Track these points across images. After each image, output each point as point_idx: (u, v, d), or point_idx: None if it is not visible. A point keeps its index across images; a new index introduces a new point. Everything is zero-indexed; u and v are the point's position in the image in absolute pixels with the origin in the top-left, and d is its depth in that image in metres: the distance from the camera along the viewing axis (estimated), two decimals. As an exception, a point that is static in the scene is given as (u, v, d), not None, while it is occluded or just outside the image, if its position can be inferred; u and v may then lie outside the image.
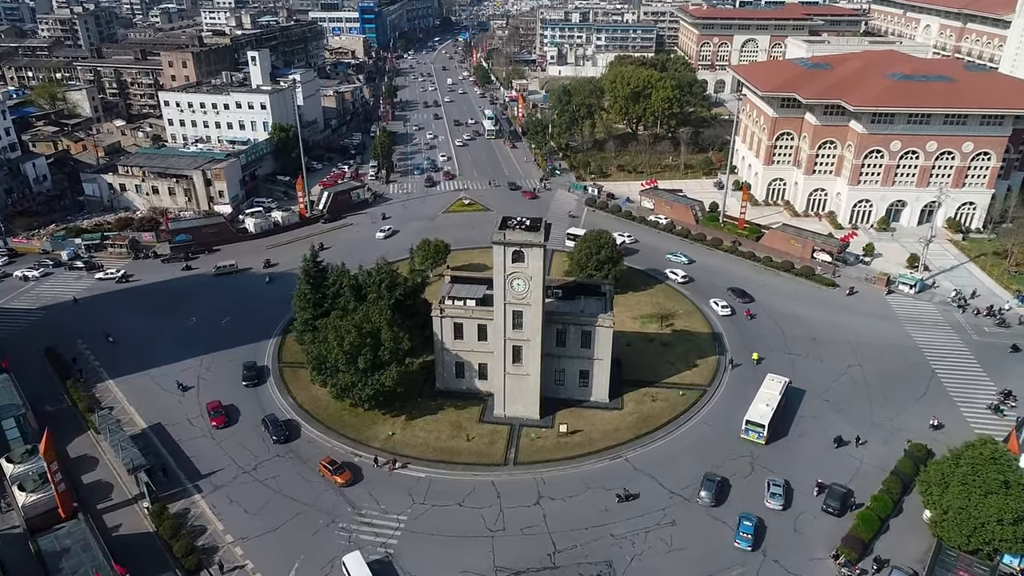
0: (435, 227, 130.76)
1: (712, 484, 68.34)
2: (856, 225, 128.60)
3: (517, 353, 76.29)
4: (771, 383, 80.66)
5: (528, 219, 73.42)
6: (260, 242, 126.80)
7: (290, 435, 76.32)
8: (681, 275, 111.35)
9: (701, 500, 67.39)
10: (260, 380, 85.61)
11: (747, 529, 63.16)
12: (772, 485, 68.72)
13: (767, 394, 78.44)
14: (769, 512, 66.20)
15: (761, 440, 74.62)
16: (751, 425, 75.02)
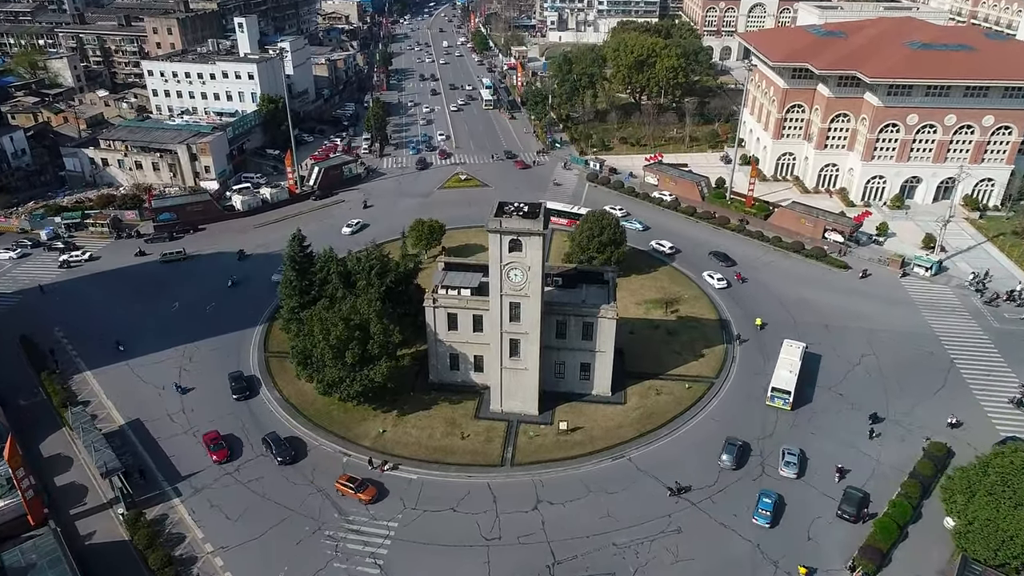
0: (430, 204, 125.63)
1: (733, 448, 69.13)
2: (868, 202, 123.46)
3: (514, 347, 71.99)
4: (790, 348, 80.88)
5: (526, 205, 68.50)
6: (247, 220, 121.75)
7: (297, 454, 69.38)
8: (668, 246, 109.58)
9: (722, 464, 68.11)
10: (251, 392, 78.21)
11: (766, 506, 62.62)
12: (787, 454, 68.72)
13: (788, 360, 78.74)
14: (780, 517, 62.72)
15: (787, 406, 75.06)
16: (777, 392, 75.44)
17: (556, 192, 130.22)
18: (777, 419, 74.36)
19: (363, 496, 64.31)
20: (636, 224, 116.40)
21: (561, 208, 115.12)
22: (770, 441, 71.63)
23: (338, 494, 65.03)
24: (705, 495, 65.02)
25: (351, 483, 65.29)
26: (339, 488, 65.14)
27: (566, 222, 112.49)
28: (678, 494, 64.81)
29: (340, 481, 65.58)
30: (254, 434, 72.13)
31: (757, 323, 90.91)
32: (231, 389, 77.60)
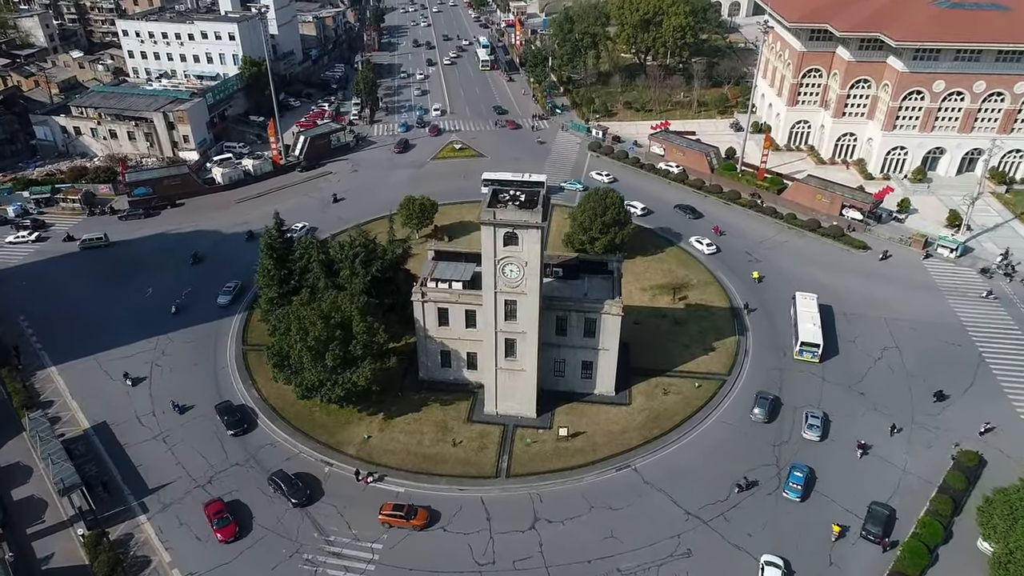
0: (422, 176, 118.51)
1: (765, 402, 69.71)
2: (888, 175, 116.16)
3: (510, 347, 66.08)
4: (805, 300, 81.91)
5: (523, 192, 61.71)
6: (229, 195, 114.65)
7: (312, 493, 61.27)
8: (640, 208, 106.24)
9: (755, 417, 68.73)
10: (248, 425, 68.65)
11: (797, 480, 61.29)
12: (810, 417, 68.16)
13: (807, 313, 79.62)
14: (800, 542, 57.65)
15: (815, 359, 75.77)
16: (805, 346, 75.87)
17: (554, 163, 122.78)
18: (794, 425, 68.82)
19: (416, 523, 58.22)
20: (575, 184, 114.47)
21: (510, 178, 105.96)
22: (787, 446, 66.27)
23: (385, 527, 58.46)
24: (717, 512, 59.80)
25: (397, 511, 58.39)
26: (385, 521, 58.26)
27: None
28: (747, 489, 61.25)
29: (384, 513, 58.41)
30: (253, 474, 63.88)
31: (754, 276, 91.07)
32: (224, 424, 67.92)
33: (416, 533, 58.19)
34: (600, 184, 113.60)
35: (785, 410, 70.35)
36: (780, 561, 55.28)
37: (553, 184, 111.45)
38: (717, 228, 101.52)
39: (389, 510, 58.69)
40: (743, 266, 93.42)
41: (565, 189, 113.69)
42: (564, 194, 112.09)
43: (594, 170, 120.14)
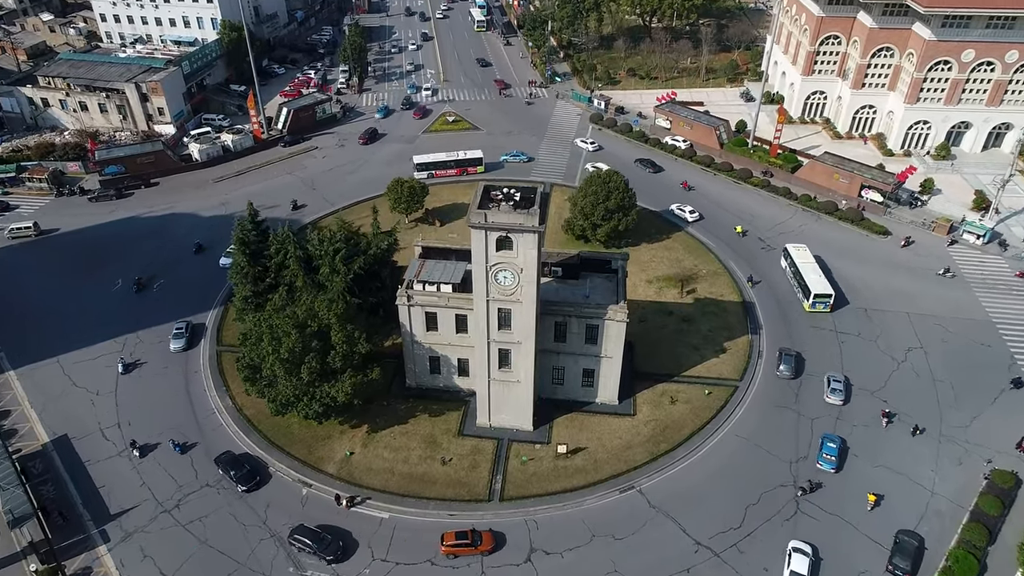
0: (413, 152, 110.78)
1: (790, 358, 70.12)
2: (909, 151, 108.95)
3: (504, 357, 60.32)
4: (799, 252, 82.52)
5: (518, 190, 55.09)
6: (207, 173, 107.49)
7: (345, 548, 54.17)
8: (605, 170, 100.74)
9: (780, 373, 69.22)
10: (260, 478, 59.86)
11: (831, 451, 60.76)
12: (832, 381, 67.83)
13: (807, 264, 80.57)
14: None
15: (827, 309, 76.84)
16: (818, 298, 76.62)
17: (553, 137, 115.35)
18: (812, 438, 63.48)
19: (483, 548, 53.64)
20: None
21: (444, 159, 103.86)
22: (805, 463, 61.10)
23: (448, 558, 53.59)
24: (729, 542, 54.80)
25: (462, 540, 53.49)
26: (450, 552, 53.38)
27: (455, 171, 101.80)
28: (810, 492, 58.24)
29: (448, 544, 53.39)
30: (225, 496, 58.46)
31: (738, 230, 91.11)
32: (231, 479, 59.16)
33: (402, 566, 53.28)
34: (585, 152, 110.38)
35: (801, 422, 65.02)
36: (808, 548, 53.13)
37: (494, 161, 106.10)
38: (685, 184, 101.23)
39: (452, 540, 53.54)
40: (774, 276, 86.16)
41: (507, 163, 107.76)
42: (564, 174, 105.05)
43: (592, 143, 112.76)
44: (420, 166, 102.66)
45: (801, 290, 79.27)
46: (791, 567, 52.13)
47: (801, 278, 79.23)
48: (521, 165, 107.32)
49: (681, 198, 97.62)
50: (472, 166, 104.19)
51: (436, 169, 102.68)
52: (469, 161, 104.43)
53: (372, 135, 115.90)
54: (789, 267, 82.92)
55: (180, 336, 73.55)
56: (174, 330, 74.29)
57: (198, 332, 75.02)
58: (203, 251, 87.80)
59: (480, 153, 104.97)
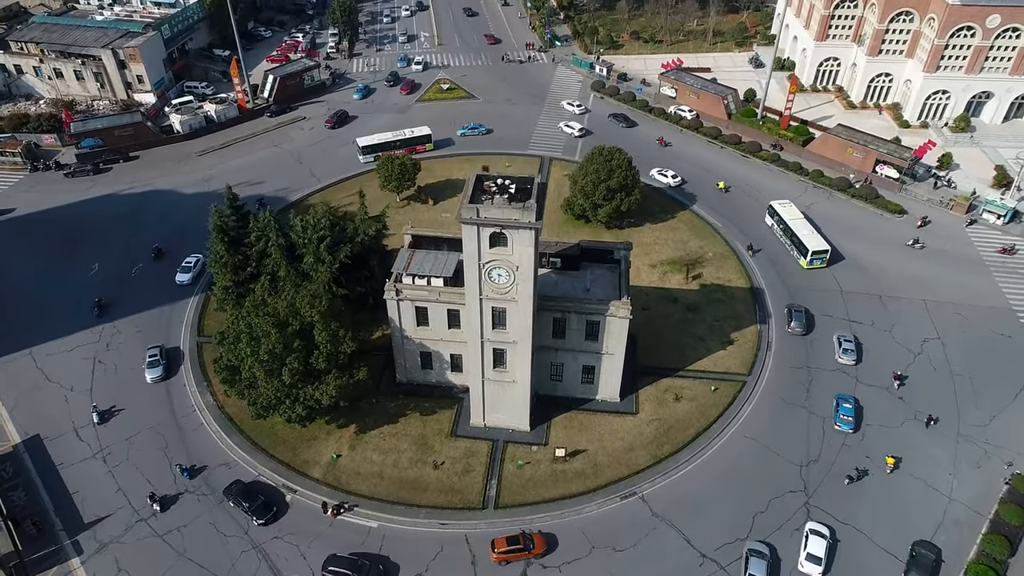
0: (405, 123, 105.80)
1: (800, 315, 70.51)
2: (926, 122, 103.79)
3: (499, 356, 56.67)
4: (786, 209, 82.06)
5: (513, 181, 50.67)
6: (189, 146, 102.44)
7: (386, 572, 50.76)
8: (578, 129, 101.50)
9: (792, 330, 69.40)
10: (277, 510, 54.63)
11: (847, 411, 60.92)
12: (843, 341, 67.78)
13: (797, 220, 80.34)
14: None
15: (823, 264, 77.11)
16: (816, 255, 76.83)
17: (552, 106, 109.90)
18: (824, 438, 60.31)
19: (536, 551, 51.19)
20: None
21: (391, 139, 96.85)
22: (816, 465, 58.02)
23: (500, 564, 51.05)
24: (736, 554, 51.93)
25: (514, 545, 50.91)
26: (502, 559, 50.77)
27: (404, 151, 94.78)
28: (858, 480, 56.56)
29: (499, 551, 50.73)
30: (206, 503, 55.62)
31: (720, 186, 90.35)
32: (245, 512, 54.02)
33: (390, 582, 50.57)
34: (572, 114, 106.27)
35: (812, 421, 61.77)
36: (825, 530, 52.06)
37: (442, 138, 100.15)
38: (662, 140, 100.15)
39: (504, 546, 50.97)
40: (783, 260, 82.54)
41: (465, 136, 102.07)
42: (564, 147, 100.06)
43: (594, 114, 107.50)
44: (366, 149, 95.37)
45: (796, 248, 78.77)
46: (807, 549, 50.90)
47: (794, 236, 78.73)
48: (480, 139, 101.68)
49: (658, 155, 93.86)
50: (420, 144, 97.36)
51: (383, 151, 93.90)
52: (417, 139, 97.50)
53: (341, 118, 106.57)
54: (776, 224, 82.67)
55: (156, 364, 65.61)
56: (148, 357, 66.40)
57: (173, 338, 70.31)
58: (163, 258, 79.25)
59: (428, 130, 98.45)
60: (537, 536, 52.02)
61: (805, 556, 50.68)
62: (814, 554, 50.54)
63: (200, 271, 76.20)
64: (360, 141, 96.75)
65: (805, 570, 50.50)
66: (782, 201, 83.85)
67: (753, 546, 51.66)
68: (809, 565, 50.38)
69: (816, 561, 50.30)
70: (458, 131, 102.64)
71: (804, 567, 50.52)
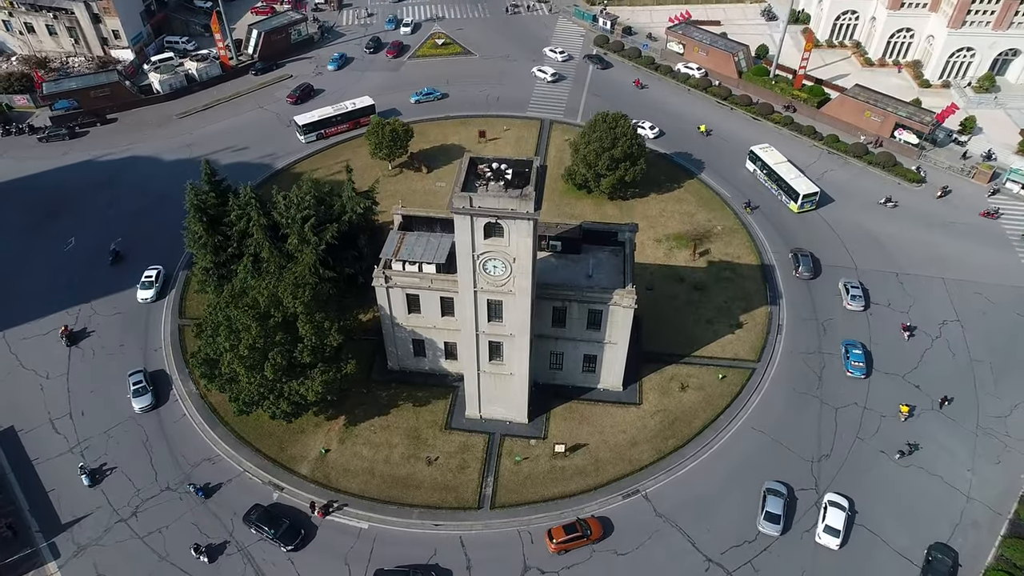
0: (398, 82, 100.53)
1: (807, 259, 70.82)
2: (947, 81, 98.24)
3: (496, 349, 53.34)
4: (768, 153, 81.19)
5: (510, 165, 46.34)
6: (169, 107, 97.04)
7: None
8: (550, 73, 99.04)
9: (800, 275, 69.74)
10: (305, 533, 50.83)
11: (857, 357, 61.28)
12: (850, 287, 67.80)
13: (782, 165, 79.53)
14: None
15: (813, 207, 77.35)
16: (807, 198, 76.62)
17: (554, 62, 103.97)
18: (837, 427, 57.51)
19: (594, 537, 49.89)
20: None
21: (332, 113, 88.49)
22: (828, 461, 55.31)
23: (559, 555, 49.54)
24: (744, 557, 49.65)
25: (572, 533, 49.42)
26: (562, 548, 49.26)
27: (347, 125, 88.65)
28: (909, 454, 55.32)
29: (558, 541, 49.16)
30: (188, 501, 53.03)
31: (701, 129, 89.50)
32: (271, 540, 50.14)
33: (381, 589, 48.30)
34: (554, 61, 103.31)
35: (824, 411, 58.84)
36: (844, 501, 51.63)
37: (387, 107, 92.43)
38: (638, 82, 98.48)
39: (563, 536, 49.28)
40: (796, 233, 78.80)
41: (419, 103, 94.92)
42: (565, 109, 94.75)
43: (596, 77, 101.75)
44: (306, 127, 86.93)
45: (784, 192, 78.71)
46: (826, 521, 50.37)
47: (781, 180, 78.55)
48: (476, 100, 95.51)
49: (633, 100, 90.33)
50: (364, 116, 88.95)
51: (326, 128, 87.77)
52: (360, 112, 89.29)
53: (305, 92, 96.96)
54: (760, 170, 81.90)
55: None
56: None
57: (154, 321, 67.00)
58: (121, 261, 71.82)
59: (370, 100, 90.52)
60: (592, 521, 50.46)
61: (823, 528, 50.14)
62: (832, 526, 49.98)
63: (164, 284, 68.75)
64: (299, 119, 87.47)
65: (822, 542, 50.00)
66: (763, 145, 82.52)
67: (771, 485, 52.50)
68: (827, 537, 49.87)
69: (834, 533, 49.79)
70: (411, 98, 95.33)
71: (821, 539, 50.05)
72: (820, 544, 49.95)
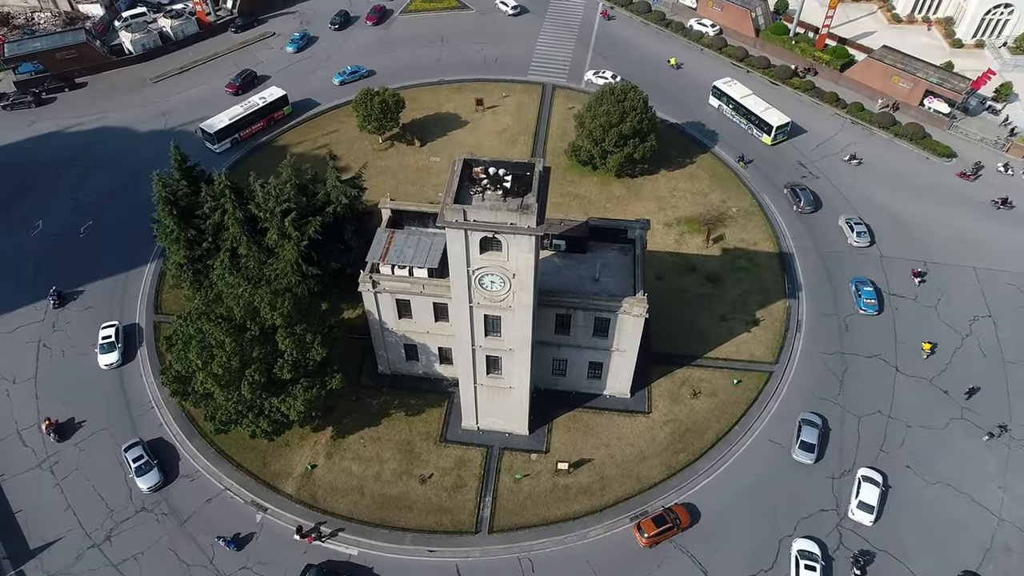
0: (388, 41, 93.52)
1: (806, 192, 70.91)
2: (981, 40, 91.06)
3: (494, 363, 49.00)
4: (733, 87, 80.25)
5: (509, 170, 40.89)
6: (142, 69, 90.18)
7: None
8: (511, 5, 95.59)
9: (802, 210, 69.85)
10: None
11: (868, 294, 61.76)
12: (853, 224, 67.63)
13: (749, 98, 78.75)
14: None
15: (786, 137, 77.18)
16: (780, 129, 76.32)
17: (556, 18, 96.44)
18: (859, 439, 53.70)
19: (684, 525, 48.70)
20: None
21: (243, 113, 76.55)
22: (848, 477, 51.71)
23: (650, 548, 48.05)
24: (758, 587, 46.57)
25: (662, 524, 47.93)
26: (653, 542, 47.81)
27: (261, 123, 78.39)
28: (999, 436, 53.58)
29: (650, 535, 47.52)
30: (166, 524, 49.53)
31: (671, 63, 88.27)
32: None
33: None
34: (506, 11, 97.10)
35: (846, 418, 54.93)
36: (878, 476, 50.55)
37: (301, 98, 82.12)
38: (605, 13, 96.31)
39: (654, 529, 47.70)
40: (814, 217, 73.41)
41: (344, 83, 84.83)
42: (568, 73, 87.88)
43: (607, 33, 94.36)
44: (220, 134, 74.74)
45: (755, 126, 77.90)
46: (859, 497, 49.49)
47: (751, 114, 77.87)
48: (473, 63, 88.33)
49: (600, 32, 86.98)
50: (277, 110, 79.39)
51: (240, 131, 76.45)
52: (271, 107, 78.67)
53: (248, 80, 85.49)
54: (726, 105, 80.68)
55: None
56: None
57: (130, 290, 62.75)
58: (65, 304, 62.27)
59: (281, 91, 79.58)
60: (679, 508, 49.00)
61: (856, 504, 49.21)
62: (866, 502, 49.08)
63: (127, 343, 59.01)
64: (205, 126, 75.28)
65: (856, 518, 49.16)
66: (725, 79, 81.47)
67: (806, 416, 53.60)
68: (860, 513, 49.10)
69: (868, 509, 48.92)
70: (334, 79, 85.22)
71: (855, 515, 49.21)
72: (854, 520, 49.11)
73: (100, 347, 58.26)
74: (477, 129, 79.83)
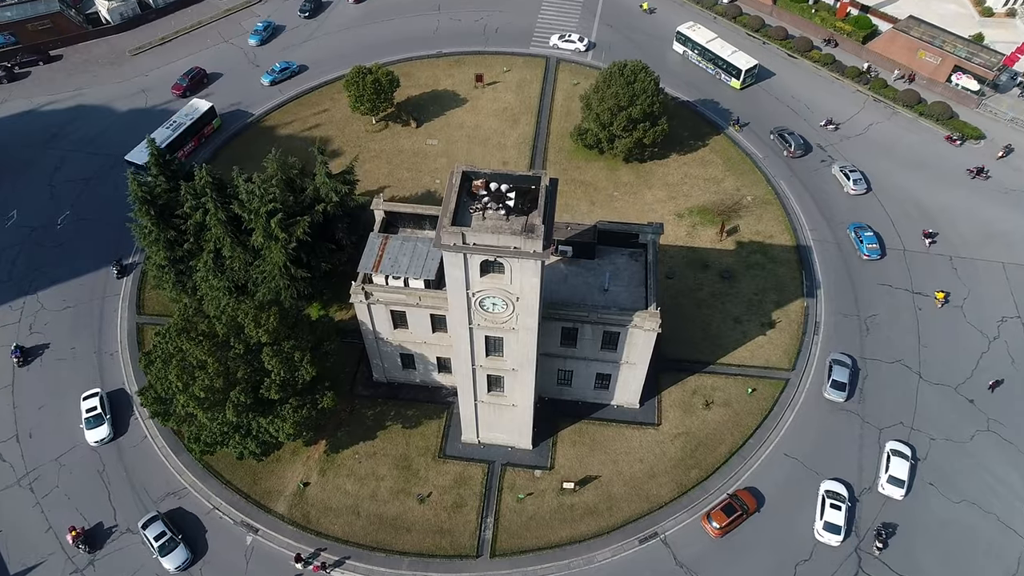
0: (379, 9, 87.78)
1: (795, 135, 70.47)
2: (1013, 8, 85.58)
3: (496, 382, 45.93)
4: (697, 32, 78.23)
5: (512, 184, 37.02)
6: (121, 40, 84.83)
7: None
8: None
9: (793, 154, 69.57)
10: None
11: (870, 239, 62.02)
12: (848, 172, 67.16)
13: (714, 42, 77.14)
14: None
15: (754, 80, 76.74)
16: (748, 73, 75.67)
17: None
18: (880, 449, 50.99)
19: (751, 511, 47.99)
20: None
21: (171, 135, 66.51)
22: (870, 495, 49.23)
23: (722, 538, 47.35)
24: (774, 617, 44.42)
25: (732, 513, 47.27)
26: (725, 532, 47.10)
27: (192, 142, 69.28)
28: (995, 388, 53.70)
29: (721, 525, 46.80)
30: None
31: (644, 8, 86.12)
32: None
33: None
34: None
35: (866, 429, 52.17)
36: (907, 450, 50.06)
37: (234, 110, 73.80)
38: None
39: (725, 520, 46.94)
40: (829, 198, 69.36)
41: (275, 83, 77.08)
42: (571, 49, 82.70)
43: (611, 2, 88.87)
44: (142, 169, 59.96)
45: (723, 71, 76.65)
46: (890, 471, 48.93)
47: (718, 58, 76.46)
48: (473, 35, 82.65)
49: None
50: (205, 125, 70.47)
51: (175, 151, 65.02)
52: (200, 123, 69.55)
53: (197, 80, 77.20)
54: (691, 50, 79.27)
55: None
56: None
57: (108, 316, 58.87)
58: (29, 361, 55.57)
59: (207, 104, 70.40)
60: (744, 494, 48.29)
61: (887, 478, 48.72)
62: (896, 476, 48.58)
63: (112, 411, 52.50)
64: (136, 157, 64.26)
65: (886, 492, 48.78)
66: (689, 24, 79.86)
67: (836, 356, 54.51)
68: (890, 488, 48.65)
69: (898, 484, 48.47)
70: (263, 78, 77.07)
71: (885, 489, 48.82)
72: (884, 495, 48.66)
73: (86, 420, 51.72)
74: (476, 108, 75.22)
